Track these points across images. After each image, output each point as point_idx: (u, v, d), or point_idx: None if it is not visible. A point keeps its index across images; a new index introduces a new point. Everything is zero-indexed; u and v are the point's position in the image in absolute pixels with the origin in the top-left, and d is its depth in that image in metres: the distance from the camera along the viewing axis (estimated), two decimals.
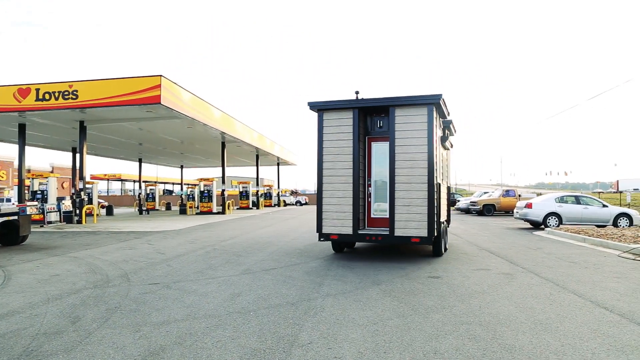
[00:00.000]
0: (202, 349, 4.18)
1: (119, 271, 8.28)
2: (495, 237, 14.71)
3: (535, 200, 18.90)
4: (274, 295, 6.27)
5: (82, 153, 21.59)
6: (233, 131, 27.20)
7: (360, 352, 4.08)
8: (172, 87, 18.71)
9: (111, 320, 5.11)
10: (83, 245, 12.57)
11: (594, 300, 5.97)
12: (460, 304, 5.80)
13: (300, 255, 10.22)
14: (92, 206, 23.12)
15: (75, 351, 4.15)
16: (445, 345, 4.24)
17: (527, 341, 4.35)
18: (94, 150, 33.36)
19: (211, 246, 12.06)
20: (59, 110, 18.81)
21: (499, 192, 30.86)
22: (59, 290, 6.68)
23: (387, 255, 10.14)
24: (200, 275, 7.88)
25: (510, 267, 8.71)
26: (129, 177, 63.15)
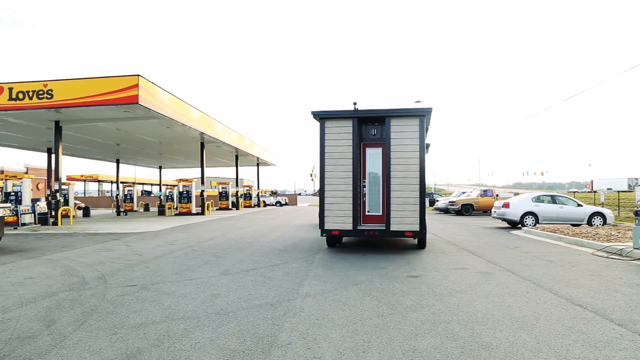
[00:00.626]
0: (180, 351, 4.13)
1: (95, 273, 8.14)
2: (474, 236, 14.89)
3: (512, 200, 19.20)
4: (254, 296, 6.24)
5: (58, 154, 21.15)
6: (212, 131, 27.00)
7: (340, 352, 4.09)
8: (150, 87, 18.47)
9: (87, 323, 5.03)
10: (59, 247, 12.32)
11: (569, 298, 6.09)
12: (438, 303, 5.86)
13: (280, 256, 10.20)
14: (68, 208, 22.69)
15: (50, 355, 4.06)
16: (424, 344, 4.28)
17: (504, 339, 4.42)
18: (70, 150, 32.72)
19: (190, 247, 11.95)
20: (34, 110, 18.39)
21: (477, 192, 31.28)
22: (33, 294, 6.53)
23: (367, 256, 10.18)
24: (179, 276, 7.80)
25: (488, 266, 8.83)
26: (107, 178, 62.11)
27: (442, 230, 17.11)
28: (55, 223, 20.51)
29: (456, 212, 29.89)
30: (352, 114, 11.13)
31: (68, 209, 22.31)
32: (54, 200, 20.93)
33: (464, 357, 3.94)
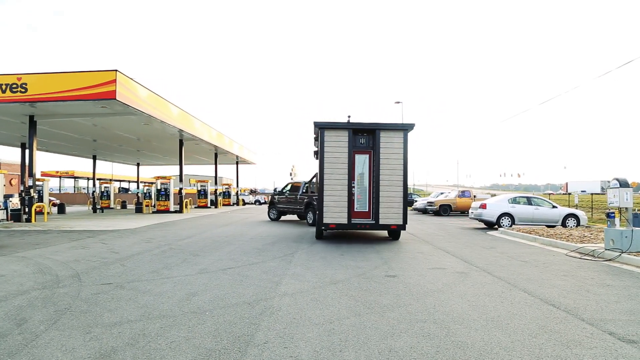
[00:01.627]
0: (155, 350, 4.09)
1: (70, 271, 7.99)
2: (451, 236, 15.07)
3: (489, 201, 19.49)
4: (231, 295, 6.20)
5: (32, 149, 20.68)
6: (191, 129, 26.76)
7: (316, 351, 4.09)
8: (128, 83, 18.21)
9: (60, 321, 4.93)
10: (32, 244, 12.06)
11: (543, 298, 6.21)
12: (415, 302, 5.91)
13: (259, 255, 10.16)
14: (43, 204, 22.21)
15: (21, 355, 3.97)
16: (400, 344, 4.31)
17: (479, 338, 4.48)
18: (45, 146, 32.03)
19: (167, 245, 11.82)
20: (6, 103, 17.96)
21: (455, 192, 31.64)
22: (4, 292, 6.38)
23: (346, 255, 10.21)
24: (156, 274, 7.70)
25: (465, 266, 8.95)
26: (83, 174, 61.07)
27: (420, 230, 17.27)
28: (28, 220, 20.07)
29: (434, 213, 30.21)
30: (347, 125, 12.97)
31: (42, 205, 21.85)
32: (28, 197, 20.49)
33: (439, 356, 3.99)
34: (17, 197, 21.59)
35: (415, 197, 48.13)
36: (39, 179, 25.96)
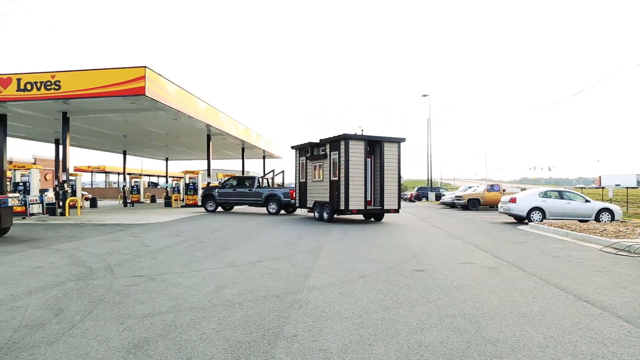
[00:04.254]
0: (186, 342, 4.15)
1: (102, 263, 8.20)
2: (480, 231, 14.85)
3: (519, 195, 19.12)
4: (259, 288, 6.25)
5: (65, 145, 21.24)
6: (218, 124, 27.00)
7: (345, 345, 4.09)
8: (156, 79, 18.48)
9: (95, 312, 5.06)
10: (66, 237, 12.41)
11: (577, 294, 6.06)
12: (444, 297, 5.85)
13: (286, 248, 10.21)
14: (76, 198, 22.81)
15: (58, 343, 4.10)
16: (430, 338, 4.27)
17: (511, 334, 4.40)
18: (77, 142, 32.85)
19: (196, 239, 12.00)
20: (41, 100, 18.47)
21: (483, 186, 31.16)
22: (41, 283, 6.59)
23: (374, 249, 10.18)
24: (185, 267, 7.83)
25: (495, 261, 8.81)
26: (114, 169, 62.40)
27: (448, 225, 17.08)
28: (62, 213, 20.65)
29: (462, 207, 29.83)
30: (364, 137, 17.90)
31: (75, 199, 22.44)
32: (62, 191, 21.06)
33: (470, 352, 3.94)
34: (52, 191, 22.21)
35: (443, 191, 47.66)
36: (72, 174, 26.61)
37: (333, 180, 17.98)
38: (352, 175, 16.94)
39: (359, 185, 17.10)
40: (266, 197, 23.50)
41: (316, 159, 19.65)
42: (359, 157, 17.15)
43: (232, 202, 24.84)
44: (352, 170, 16.93)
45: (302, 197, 21.24)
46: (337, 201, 17.39)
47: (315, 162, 19.77)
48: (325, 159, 18.75)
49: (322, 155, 19.03)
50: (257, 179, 24.57)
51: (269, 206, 23.33)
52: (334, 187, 17.76)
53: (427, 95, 47.08)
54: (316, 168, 19.73)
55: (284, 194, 23.40)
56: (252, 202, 24.11)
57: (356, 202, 17.04)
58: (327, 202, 18.35)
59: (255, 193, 23.87)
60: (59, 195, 21.01)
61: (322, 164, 19.11)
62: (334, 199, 17.68)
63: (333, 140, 17.91)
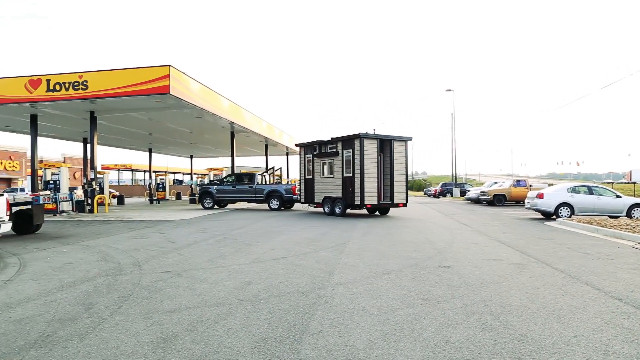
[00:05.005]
0: (213, 336, 4.20)
1: (130, 259, 8.36)
2: (506, 227, 14.63)
3: (546, 191, 18.74)
4: (285, 284, 6.29)
5: (93, 143, 21.71)
6: (242, 121, 27.20)
7: (371, 341, 4.08)
8: (180, 77, 18.71)
9: (124, 307, 5.16)
10: (95, 234, 12.69)
11: (608, 292, 5.91)
12: (471, 293, 5.78)
13: (311, 244, 10.24)
14: (104, 196, 23.33)
15: (90, 337, 4.20)
16: (456, 335, 4.23)
17: (539, 331, 4.33)
18: (104, 140, 33.51)
19: (221, 235, 12.12)
20: (70, 100, 18.92)
21: (509, 182, 30.67)
22: (72, 278, 6.75)
23: (398, 246, 10.13)
24: (211, 263, 7.92)
25: (522, 257, 8.66)
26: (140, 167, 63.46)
27: (473, 221, 16.87)
28: (91, 211, 21.12)
29: (488, 203, 29.41)
30: (377, 136, 18.81)
31: (103, 197, 22.94)
32: (90, 189, 21.54)
33: (497, 349, 3.88)
34: (81, 189, 22.73)
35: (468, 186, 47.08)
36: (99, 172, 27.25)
37: (346, 176, 18.78)
38: (367, 171, 17.96)
39: (372, 181, 18.16)
40: (268, 193, 23.94)
41: (326, 156, 20.23)
42: (373, 154, 18.20)
43: (231, 198, 25.11)
44: (366, 167, 17.92)
45: (308, 193, 21.73)
46: (352, 196, 18.25)
47: (325, 159, 20.36)
48: (336, 157, 19.45)
49: (332, 152, 19.66)
50: (257, 175, 25.08)
51: (270, 202, 23.69)
52: (348, 183, 18.61)
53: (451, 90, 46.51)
54: (326, 165, 20.40)
55: (286, 190, 23.94)
56: (252, 199, 24.41)
57: (370, 197, 18.09)
58: (339, 198, 19.20)
59: (256, 189, 24.23)
60: (87, 192, 21.51)
61: (332, 161, 19.82)
62: (348, 194, 18.57)
63: (346, 139, 18.80)
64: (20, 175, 48.17)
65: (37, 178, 23.49)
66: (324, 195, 20.30)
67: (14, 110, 21.14)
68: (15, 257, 8.85)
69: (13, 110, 21.31)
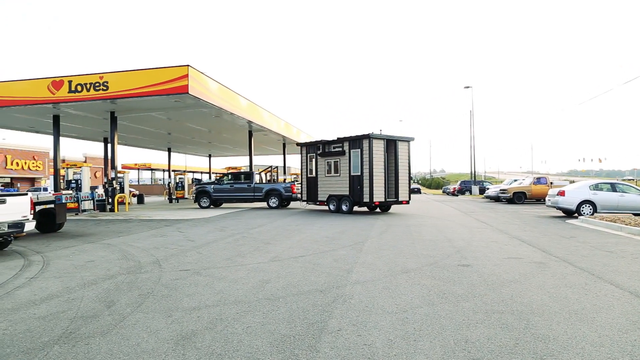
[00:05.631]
0: (232, 334, 4.23)
1: (150, 258, 8.46)
2: (527, 225, 14.42)
3: (568, 188, 18.43)
4: (303, 283, 6.29)
5: (113, 143, 22.04)
6: (260, 120, 27.31)
7: (390, 340, 4.06)
8: (199, 77, 18.86)
9: (144, 305, 5.23)
10: (116, 232, 12.88)
11: (633, 291, 5.78)
12: (491, 292, 5.71)
13: (329, 243, 10.23)
14: (124, 195, 23.62)
15: (111, 334, 4.26)
16: (477, 334, 4.18)
17: (562, 331, 4.25)
18: (124, 140, 33.99)
19: (240, 234, 12.19)
20: (91, 101, 19.23)
21: (529, 179, 30.21)
22: (94, 276, 6.86)
23: (416, 244, 10.06)
24: (230, 262, 7.97)
25: (543, 255, 8.52)
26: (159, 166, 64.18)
27: (492, 219, 16.67)
28: (112, 209, 21.44)
29: (507, 201, 29.03)
30: (384, 137, 19.26)
31: (124, 196, 23.23)
32: (111, 188, 21.87)
33: (519, 349, 3.83)
34: (102, 188, 23.08)
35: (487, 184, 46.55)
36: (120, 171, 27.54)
37: (354, 175, 19.40)
38: (375, 170, 18.62)
39: (380, 180, 18.84)
40: (267, 191, 24.37)
41: (331, 156, 20.59)
42: (380, 154, 18.92)
43: (229, 197, 25.27)
44: (375, 166, 18.58)
45: (311, 191, 22.02)
46: (360, 194, 19.00)
47: (330, 158, 20.70)
48: (342, 156, 19.91)
49: (338, 152, 20.13)
50: (255, 174, 25.58)
51: (269, 200, 24.16)
52: (355, 182, 19.28)
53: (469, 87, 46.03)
54: (331, 164, 20.73)
55: (285, 188, 24.31)
56: (251, 198, 24.75)
57: (378, 195, 18.82)
58: (345, 196, 19.82)
59: (254, 188, 24.62)
60: (108, 192, 21.83)
61: (339, 161, 20.21)
62: (356, 192, 19.27)
63: (354, 139, 19.37)
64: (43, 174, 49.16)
65: (59, 177, 23.95)
66: (329, 194, 20.75)
67: (38, 111, 21.56)
68: (39, 255, 9.03)
69: (36, 111, 21.74)
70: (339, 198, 20.12)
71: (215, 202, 25.52)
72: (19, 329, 4.45)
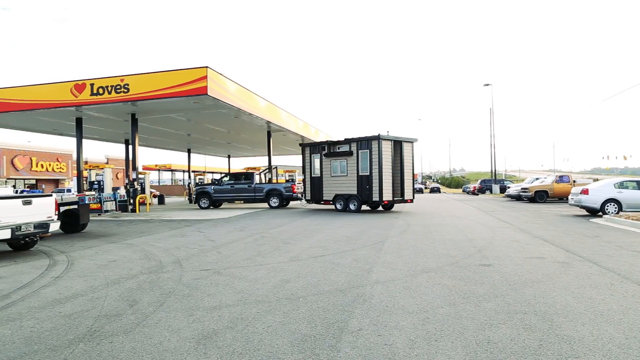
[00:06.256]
0: (253, 334, 4.25)
1: (171, 257, 8.55)
2: (549, 224, 14.19)
3: (591, 186, 18.07)
4: (323, 282, 6.29)
5: (134, 145, 22.35)
6: (278, 120, 27.41)
7: (411, 340, 4.03)
8: (217, 78, 19.00)
9: (166, 304, 5.28)
10: (137, 232, 13.05)
11: None
12: (513, 292, 5.63)
13: (348, 243, 10.22)
14: (145, 195, 23.95)
15: (134, 332, 4.32)
16: (499, 335, 4.13)
17: (587, 333, 4.17)
18: (145, 141, 34.46)
19: (259, 234, 12.25)
20: (112, 103, 19.53)
21: (551, 178, 29.71)
22: (117, 275, 6.97)
23: (437, 244, 9.98)
24: (250, 261, 8.01)
25: (566, 255, 8.37)
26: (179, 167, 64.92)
27: (514, 218, 16.44)
28: (133, 210, 21.75)
29: (529, 200, 28.59)
30: (392, 137, 20.05)
31: (145, 197, 23.56)
32: (132, 189, 22.19)
33: (543, 350, 3.76)
34: (123, 189, 23.44)
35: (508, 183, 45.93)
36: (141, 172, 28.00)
37: (362, 175, 20.02)
38: (384, 170, 19.28)
39: (388, 179, 19.55)
40: (267, 191, 24.72)
41: (337, 156, 21.13)
42: (388, 154, 19.62)
43: (230, 198, 25.51)
44: (383, 166, 19.25)
45: (315, 191, 22.34)
46: (369, 193, 19.66)
47: (336, 158, 21.19)
48: (350, 156, 20.44)
49: (345, 152, 20.68)
50: (255, 174, 25.92)
51: (270, 200, 24.52)
52: (364, 181, 19.91)
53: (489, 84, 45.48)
54: (337, 164, 21.22)
55: (286, 188, 24.66)
56: (252, 198, 25.07)
57: (387, 194, 19.52)
58: (353, 195, 20.41)
59: (255, 188, 24.93)
60: (129, 192, 22.15)
61: (346, 161, 20.73)
62: (364, 192, 19.92)
63: (363, 140, 19.99)
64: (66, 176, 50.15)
65: (82, 179, 24.37)
66: (335, 193, 21.25)
67: (61, 114, 21.99)
68: (64, 254, 9.21)
69: (60, 114, 22.17)
70: (346, 197, 20.67)
71: (215, 203, 25.74)
72: (45, 327, 4.54)
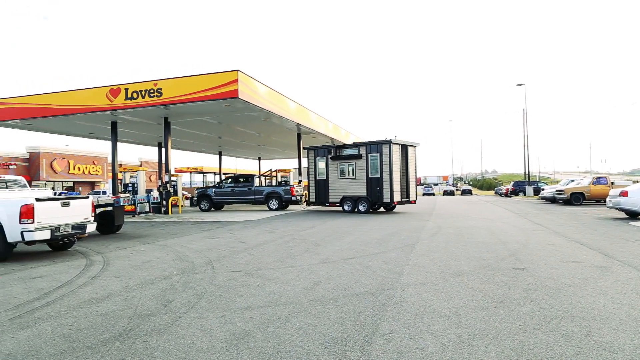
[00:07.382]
0: (284, 335, 4.27)
1: (203, 259, 8.68)
2: (586, 227, 13.78)
3: (631, 188, 17.46)
4: (354, 285, 6.28)
5: (167, 147, 22.80)
6: (308, 122, 27.50)
7: (444, 344, 3.98)
8: (248, 81, 19.21)
9: (198, 304, 5.37)
10: (170, 234, 13.30)
11: None
12: (548, 297, 5.49)
13: (379, 245, 10.16)
14: (177, 197, 24.38)
15: (168, 332, 4.40)
16: (534, 340, 4.03)
17: (628, 340, 4.03)
18: (177, 144, 35.11)
19: (290, 235, 12.31)
20: (146, 107, 19.97)
21: (588, 179, 28.85)
22: (150, 276, 7.12)
23: (468, 247, 9.82)
24: (281, 263, 8.06)
25: (605, 259, 8.12)
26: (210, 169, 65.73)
27: (549, 221, 16.04)
28: (166, 212, 22.17)
29: (564, 202, 27.85)
30: (400, 142, 21.29)
31: (177, 199, 23.98)
32: (165, 191, 22.63)
33: (580, 357, 3.66)
34: (156, 191, 23.94)
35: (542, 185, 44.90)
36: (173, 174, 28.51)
37: (372, 177, 21.13)
38: (394, 173, 20.51)
39: (397, 181, 20.79)
40: (267, 194, 25.01)
41: (345, 159, 22.14)
42: (397, 158, 20.88)
43: (230, 200, 25.80)
44: (393, 169, 20.49)
45: (320, 193, 23.16)
46: (380, 195, 20.76)
47: (344, 161, 22.17)
48: (359, 159, 21.50)
49: (354, 155, 21.75)
50: (255, 177, 26.53)
51: (269, 203, 24.79)
52: (374, 183, 20.99)
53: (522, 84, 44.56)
54: (344, 167, 22.16)
55: (285, 191, 24.85)
56: (252, 200, 25.43)
57: (397, 195, 20.72)
58: (362, 197, 21.42)
59: (255, 191, 25.27)
60: (162, 195, 22.59)
61: (355, 164, 21.74)
62: (374, 194, 20.97)
63: (373, 144, 21.33)
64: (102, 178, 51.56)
65: (117, 181, 25.00)
66: (343, 195, 22.16)
67: (97, 118, 22.62)
68: (100, 255, 9.47)
69: (96, 119, 22.81)
70: (355, 199, 21.59)
71: (216, 206, 26.03)
72: (83, 325, 4.68)
